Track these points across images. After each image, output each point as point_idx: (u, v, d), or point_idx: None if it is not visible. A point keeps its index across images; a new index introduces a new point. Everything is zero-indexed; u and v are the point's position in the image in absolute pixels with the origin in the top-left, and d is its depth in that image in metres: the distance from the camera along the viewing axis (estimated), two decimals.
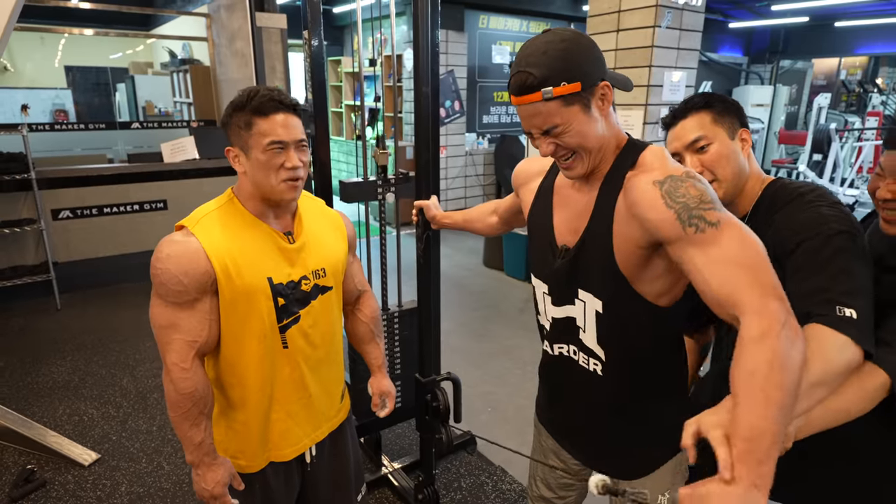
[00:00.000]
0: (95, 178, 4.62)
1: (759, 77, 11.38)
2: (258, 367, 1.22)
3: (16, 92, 7.49)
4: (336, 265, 1.34)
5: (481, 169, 7.50)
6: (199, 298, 1.14)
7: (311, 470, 1.41)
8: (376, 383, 1.55)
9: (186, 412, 1.15)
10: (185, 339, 1.14)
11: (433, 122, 1.84)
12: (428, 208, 1.77)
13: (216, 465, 1.21)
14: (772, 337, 0.77)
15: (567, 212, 1.13)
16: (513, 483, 2.43)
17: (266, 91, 1.15)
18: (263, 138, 1.14)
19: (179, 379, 1.14)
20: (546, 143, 1.02)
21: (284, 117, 1.16)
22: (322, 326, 1.31)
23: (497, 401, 3.05)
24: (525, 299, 4.61)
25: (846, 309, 0.93)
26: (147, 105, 7.68)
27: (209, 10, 6.19)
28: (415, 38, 1.72)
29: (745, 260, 0.85)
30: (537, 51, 0.97)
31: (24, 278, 4.20)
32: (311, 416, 1.36)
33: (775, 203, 1.14)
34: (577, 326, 1.14)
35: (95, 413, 2.92)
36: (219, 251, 1.14)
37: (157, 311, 1.15)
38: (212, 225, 1.17)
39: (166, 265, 1.11)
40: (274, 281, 1.20)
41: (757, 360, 0.76)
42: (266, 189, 1.18)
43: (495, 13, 7.38)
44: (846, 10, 9.22)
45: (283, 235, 1.24)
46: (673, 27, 3.42)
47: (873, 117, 8.51)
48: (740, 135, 1.20)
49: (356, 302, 1.55)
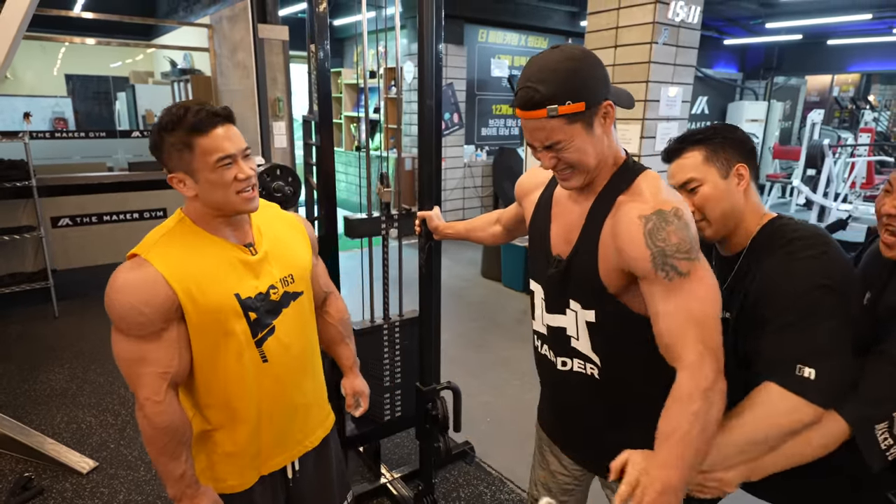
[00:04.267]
0: (95, 185, 4.64)
1: (753, 93, 11.51)
2: (240, 386, 1.18)
3: (15, 100, 7.52)
4: (303, 269, 1.31)
5: (479, 181, 7.54)
6: (165, 328, 1.09)
7: (293, 485, 1.37)
8: (349, 383, 1.54)
9: (164, 446, 1.11)
10: (156, 372, 1.09)
11: (436, 133, 1.87)
12: (430, 219, 1.79)
13: (199, 495, 1.16)
14: (697, 399, 0.91)
15: (563, 222, 1.17)
16: (511, 493, 2.44)
17: (195, 105, 1.07)
18: (210, 156, 1.08)
19: (154, 414, 1.08)
20: (547, 157, 1.06)
21: (225, 129, 1.10)
22: (299, 333, 1.29)
23: (495, 411, 3.06)
24: (523, 310, 4.63)
25: (806, 369, 0.99)
26: (147, 114, 7.70)
27: (211, 20, 6.25)
28: (420, 51, 1.76)
29: (698, 315, 0.95)
30: (546, 67, 0.99)
31: (22, 285, 4.20)
32: (298, 426, 1.34)
33: (769, 245, 1.15)
34: (568, 335, 1.17)
35: (93, 421, 2.92)
36: (179, 275, 1.08)
37: (120, 346, 1.09)
38: (167, 249, 1.11)
39: (125, 297, 1.05)
40: (242, 296, 1.15)
41: (680, 419, 0.91)
42: (224, 206, 1.13)
43: (494, 27, 7.47)
44: (839, 28, 9.38)
45: (243, 248, 1.19)
46: (669, 43, 3.49)
47: (866, 133, 8.62)
48: (736, 171, 1.18)
49: (324, 304, 1.51)
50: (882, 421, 1.00)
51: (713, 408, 0.92)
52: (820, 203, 7.01)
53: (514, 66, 7.87)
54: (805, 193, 7.03)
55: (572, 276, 1.12)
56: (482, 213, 7.60)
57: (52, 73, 9.16)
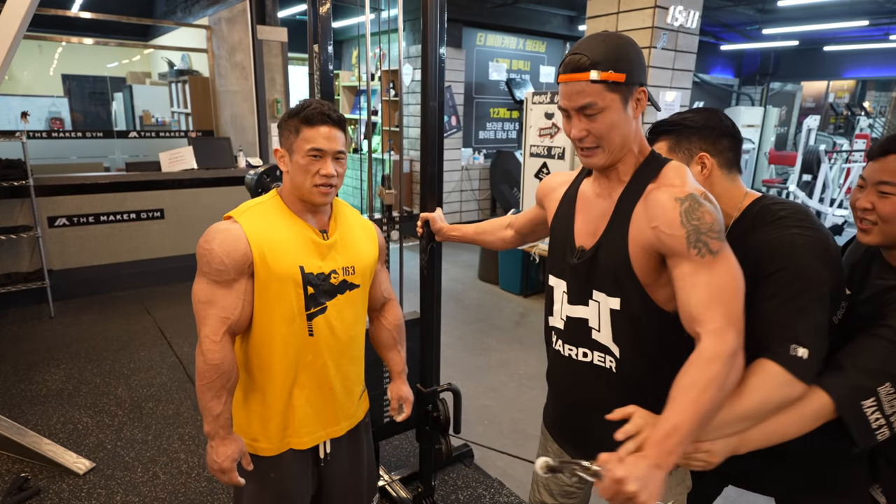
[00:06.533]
0: (92, 185, 4.62)
1: (749, 98, 11.59)
2: (284, 351, 1.32)
3: (11, 99, 7.49)
4: (365, 266, 1.43)
5: (477, 184, 7.56)
6: (237, 279, 1.25)
7: (325, 466, 1.46)
8: (395, 389, 1.61)
9: (210, 382, 1.24)
10: (219, 315, 1.25)
11: (439, 135, 1.88)
12: (433, 220, 1.79)
13: (229, 440, 1.28)
14: (719, 362, 0.93)
15: (588, 216, 1.20)
16: (510, 496, 2.44)
17: (318, 105, 1.28)
18: (306, 144, 1.26)
19: (209, 350, 1.23)
20: (578, 125, 1.08)
21: (329, 130, 1.27)
22: (347, 321, 1.39)
23: (493, 414, 3.06)
24: (520, 313, 4.63)
25: (800, 349, 1.02)
26: (144, 115, 7.70)
27: (210, 22, 6.25)
28: (423, 54, 1.77)
29: (724, 291, 0.99)
30: (596, 39, 1.07)
31: (18, 285, 4.18)
32: (330, 408, 1.41)
33: (756, 223, 1.17)
34: (589, 327, 1.19)
35: (90, 422, 2.90)
36: (258, 238, 1.26)
37: (198, 287, 1.26)
38: (255, 216, 1.30)
39: (212, 246, 1.23)
40: (305, 270, 1.30)
41: (700, 376, 0.93)
42: (301, 190, 1.30)
43: (493, 31, 7.49)
44: (835, 34, 9.45)
45: (317, 231, 1.35)
46: (668, 48, 3.51)
47: (861, 139, 8.68)
48: (699, 159, 1.22)
49: (381, 308, 1.62)
50: (870, 396, 1.03)
51: (731, 374, 0.94)
52: (816, 208, 7.06)
53: (512, 69, 7.89)
54: (801, 199, 7.08)
55: (597, 266, 1.15)
56: (479, 216, 7.62)
57: (49, 72, 9.12)
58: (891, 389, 1.03)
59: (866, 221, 1.16)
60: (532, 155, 4.82)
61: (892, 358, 1.04)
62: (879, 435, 1.04)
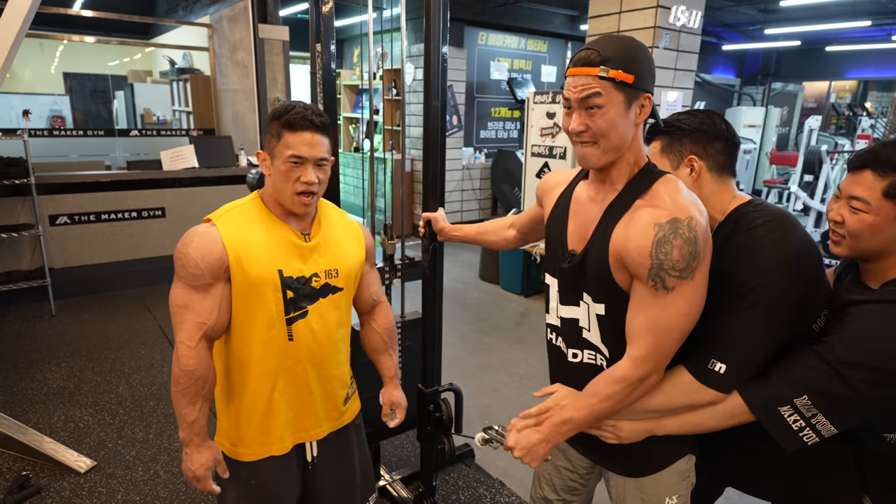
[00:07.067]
0: (94, 184, 4.62)
1: (751, 98, 11.58)
2: (263, 356, 1.29)
3: (13, 97, 7.49)
4: (350, 269, 1.39)
5: (478, 183, 7.55)
6: (213, 283, 1.23)
7: (312, 469, 1.43)
8: (388, 394, 1.58)
9: (185, 388, 1.22)
10: (195, 321, 1.22)
11: (441, 134, 1.88)
12: (435, 220, 1.79)
13: (204, 447, 1.27)
14: (623, 384, 1.09)
15: (580, 220, 1.20)
16: (511, 496, 2.43)
17: (302, 108, 1.23)
18: (287, 150, 1.23)
19: (184, 356, 1.21)
20: (580, 118, 1.08)
21: (311, 136, 1.24)
22: (329, 325, 1.36)
23: (494, 414, 3.05)
24: (521, 313, 4.63)
25: (718, 363, 1.09)
26: (145, 113, 7.70)
27: (211, 20, 6.25)
28: (426, 53, 1.76)
29: (662, 325, 1.05)
30: (609, 37, 1.09)
31: (19, 283, 4.18)
32: (311, 412, 1.39)
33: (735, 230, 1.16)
34: (580, 327, 1.21)
35: (91, 420, 2.90)
36: (234, 241, 1.23)
37: (175, 291, 1.24)
38: (233, 219, 1.27)
39: (188, 250, 1.21)
40: (284, 273, 1.27)
41: (604, 390, 1.11)
42: (282, 196, 1.27)
43: (494, 30, 7.48)
44: (837, 35, 9.44)
45: (298, 234, 1.32)
46: (670, 48, 3.50)
47: (863, 140, 8.67)
48: (688, 161, 1.22)
49: (371, 311, 1.58)
50: (785, 404, 1.06)
51: (634, 394, 1.10)
52: (817, 209, 7.05)
53: (513, 68, 7.88)
54: (802, 199, 7.07)
55: (586, 270, 1.15)
56: (480, 215, 7.62)
57: (50, 70, 9.12)
58: (807, 402, 1.04)
59: (836, 234, 1.16)
60: (533, 154, 4.82)
61: (817, 374, 1.04)
62: (805, 437, 1.06)
